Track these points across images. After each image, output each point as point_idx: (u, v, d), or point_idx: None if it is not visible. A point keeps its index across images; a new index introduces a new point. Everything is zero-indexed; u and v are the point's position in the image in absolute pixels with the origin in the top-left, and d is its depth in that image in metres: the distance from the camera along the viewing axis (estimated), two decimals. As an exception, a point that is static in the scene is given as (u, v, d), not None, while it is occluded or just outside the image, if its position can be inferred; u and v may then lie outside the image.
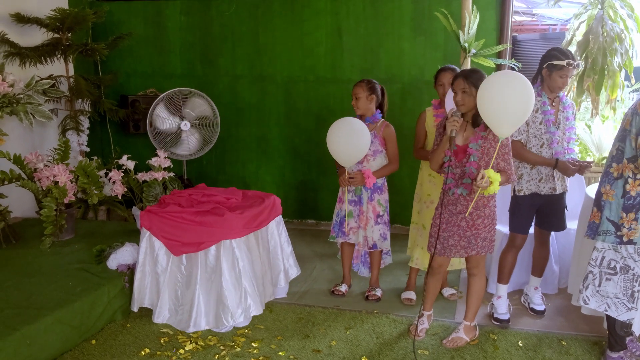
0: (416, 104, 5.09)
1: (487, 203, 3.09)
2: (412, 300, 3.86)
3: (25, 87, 4.40)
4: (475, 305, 3.28)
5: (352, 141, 3.55)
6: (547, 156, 3.40)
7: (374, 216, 3.81)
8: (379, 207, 3.82)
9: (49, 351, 3.01)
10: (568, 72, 3.27)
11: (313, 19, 5.35)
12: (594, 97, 4.59)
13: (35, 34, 4.97)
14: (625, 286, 2.86)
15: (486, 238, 3.15)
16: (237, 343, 3.28)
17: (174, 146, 5.13)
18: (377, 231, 3.82)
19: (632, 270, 2.84)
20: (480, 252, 3.17)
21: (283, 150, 5.72)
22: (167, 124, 5.07)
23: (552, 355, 3.13)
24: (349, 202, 3.83)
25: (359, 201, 3.83)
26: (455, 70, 3.69)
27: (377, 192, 3.83)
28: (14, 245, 4.13)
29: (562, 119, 3.41)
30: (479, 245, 3.15)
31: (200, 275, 3.42)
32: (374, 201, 3.81)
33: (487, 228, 3.13)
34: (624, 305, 2.87)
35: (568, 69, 3.26)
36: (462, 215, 3.09)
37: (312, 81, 5.46)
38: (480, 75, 2.99)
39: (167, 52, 5.78)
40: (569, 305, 3.63)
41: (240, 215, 3.46)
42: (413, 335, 3.31)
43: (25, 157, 4.15)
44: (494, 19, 4.88)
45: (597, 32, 4.50)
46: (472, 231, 3.11)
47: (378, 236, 3.82)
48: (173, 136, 5.11)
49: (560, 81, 3.29)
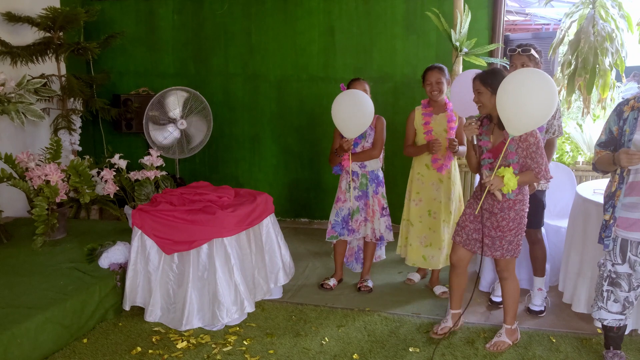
0: (408, 103, 5.10)
1: (513, 206, 3.02)
2: (412, 281, 4.13)
3: (17, 87, 4.39)
4: (513, 308, 3.19)
5: (358, 110, 3.62)
6: None
7: (380, 209, 3.94)
8: (383, 200, 3.96)
9: (40, 350, 3.01)
10: (515, 59, 3.39)
11: (306, 18, 5.36)
12: (585, 96, 4.61)
13: (26, 33, 4.96)
14: (598, 284, 2.93)
15: (512, 242, 3.07)
16: (229, 341, 3.28)
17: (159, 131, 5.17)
18: (383, 223, 3.94)
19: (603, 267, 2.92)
20: (505, 255, 3.09)
21: (276, 149, 5.72)
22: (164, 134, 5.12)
23: (542, 352, 3.14)
24: (355, 198, 3.93)
25: (365, 195, 3.92)
26: (441, 69, 3.73)
27: (381, 186, 3.96)
28: (5, 245, 4.11)
29: None
30: (504, 247, 3.08)
31: (192, 274, 3.41)
32: (378, 194, 3.93)
33: (512, 232, 3.06)
34: (595, 304, 2.94)
35: (513, 57, 3.40)
36: (489, 213, 3.08)
37: (305, 80, 5.47)
38: (497, 75, 2.96)
39: (160, 51, 5.78)
40: (560, 303, 3.66)
41: (232, 213, 3.46)
42: (437, 335, 3.29)
43: (17, 156, 4.13)
44: (486, 18, 4.90)
45: (588, 32, 4.52)
46: (497, 232, 3.07)
47: (384, 228, 3.95)
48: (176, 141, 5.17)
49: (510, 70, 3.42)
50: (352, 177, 3.91)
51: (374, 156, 3.89)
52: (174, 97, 5.09)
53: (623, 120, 2.75)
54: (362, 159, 3.89)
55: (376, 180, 3.93)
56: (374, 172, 3.94)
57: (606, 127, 2.85)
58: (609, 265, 2.85)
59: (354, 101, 3.63)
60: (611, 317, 2.89)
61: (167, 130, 5.15)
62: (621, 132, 2.75)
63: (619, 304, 2.86)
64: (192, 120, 5.22)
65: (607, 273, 2.86)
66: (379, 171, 3.97)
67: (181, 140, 5.21)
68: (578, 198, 3.54)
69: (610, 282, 2.85)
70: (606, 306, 2.88)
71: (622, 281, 2.83)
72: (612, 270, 2.84)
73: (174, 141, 5.18)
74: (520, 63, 3.36)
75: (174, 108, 5.11)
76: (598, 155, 2.87)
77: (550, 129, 3.44)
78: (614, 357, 2.95)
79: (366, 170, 3.92)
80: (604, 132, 2.86)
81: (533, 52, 3.33)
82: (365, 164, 3.91)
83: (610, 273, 2.85)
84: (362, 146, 3.90)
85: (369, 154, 3.88)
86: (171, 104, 5.10)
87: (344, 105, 3.64)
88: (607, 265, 2.86)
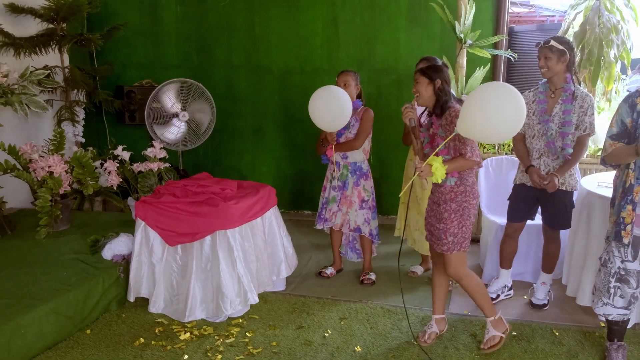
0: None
1: (455, 197, 2.95)
2: (415, 273, 4.14)
3: (20, 78, 4.38)
4: (484, 301, 3.10)
5: (333, 105, 3.64)
6: (536, 148, 3.40)
7: (359, 201, 3.94)
8: (364, 193, 3.95)
9: (44, 341, 3.02)
10: (539, 53, 3.31)
11: (309, 10, 5.33)
12: (589, 88, 4.57)
13: (29, 24, 4.95)
14: (602, 280, 2.90)
15: (456, 235, 2.97)
16: (232, 333, 3.29)
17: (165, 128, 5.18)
18: (361, 215, 3.94)
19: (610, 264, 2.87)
20: (452, 250, 2.98)
21: (279, 142, 5.71)
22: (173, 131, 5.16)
23: (544, 345, 3.14)
24: (333, 188, 3.98)
25: (344, 186, 3.96)
26: (430, 60, 3.74)
27: (363, 178, 3.96)
28: (9, 236, 4.13)
29: (558, 111, 3.34)
30: (449, 242, 2.98)
31: (195, 266, 3.42)
32: (359, 186, 3.94)
33: (454, 223, 2.96)
34: (600, 300, 2.91)
35: (538, 51, 3.31)
36: (434, 204, 3.06)
37: (308, 72, 5.45)
38: (433, 66, 3.02)
39: (163, 42, 5.76)
40: (564, 296, 3.65)
41: (235, 205, 3.46)
42: (426, 343, 3.18)
43: (20, 147, 4.14)
44: (490, 9, 4.87)
45: (594, 23, 4.47)
46: (440, 225, 3.00)
47: (362, 220, 3.94)
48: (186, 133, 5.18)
49: (539, 63, 3.33)
50: (335, 168, 3.96)
51: (355, 147, 3.89)
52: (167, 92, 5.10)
53: (637, 112, 2.71)
54: (344, 149, 3.90)
55: (358, 172, 3.94)
56: (357, 163, 3.94)
57: (617, 119, 2.78)
58: (618, 262, 2.80)
59: (326, 97, 3.66)
60: (616, 312, 2.87)
61: (174, 126, 5.15)
62: (635, 125, 2.71)
63: (625, 299, 2.83)
64: (194, 108, 5.21)
65: (616, 270, 2.82)
66: (363, 163, 3.97)
67: (190, 131, 5.21)
68: (582, 191, 3.52)
69: (618, 278, 2.82)
70: (612, 302, 2.85)
71: (632, 278, 2.79)
72: (622, 267, 2.80)
73: (184, 134, 5.20)
74: (543, 56, 3.30)
75: (171, 103, 5.11)
76: (611, 147, 2.78)
77: (581, 125, 3.30)
78: (618, 350, 2.94)
79: (347, 161, 3.94)
80: (614, 124, 2.79)
81: (554, 43, 3.24)
82: (347, 155, 3.92)
83: (620, 270, 2.81)
84: (345, 137, 3.92)
85: (350, 144, 3.89)
86: (167, 99, 5.10)
87: (318, 102, 3.68)
88: (615, 262, 2.82)
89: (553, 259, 3.61)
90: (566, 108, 3.31)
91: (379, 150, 5.06)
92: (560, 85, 3.33)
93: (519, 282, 3.93)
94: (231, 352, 3.09)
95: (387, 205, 5.34)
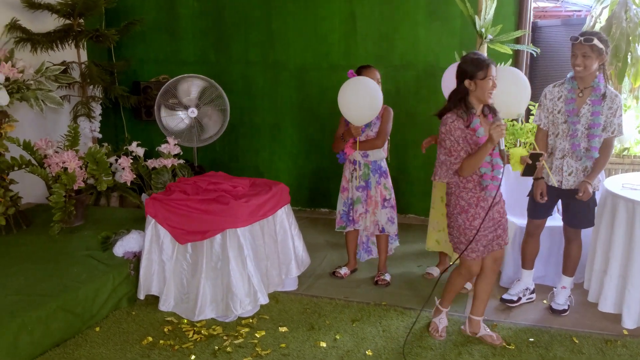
0: (431, 92, 4.96)
1: (452, 191, 2.98)
2: (431, 275, 4.03)
3: (35, 73, 4.38)
4: (450, 292, 3.21)
5: (367, 98, 3.57)
6: (560, 147, 3.27)
7: (381, 200, 3.86)
8: (385, 191, 3.88)
9: (51, 338, 3.01)
10: (576, 49, 3.13)
11: (327, 5, 5.24)
12: (616, 85, 4.41)
13: (46, 19, 4.96)
14: None
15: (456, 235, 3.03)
16: (241, 333, 3.23)
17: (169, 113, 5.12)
18: (384, 215, 3.86)
19: None
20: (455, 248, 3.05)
21: (296, 138, 5.65)
22: (175, 121, 5.06)
23: (563, 353, 3.01)
24: (355, 188, 3.87)
25: (367, 186, 3.86)
26: None
27: (383, 177, 3.89)
28: (24, 231, 4.14)
29: (586, 112, 3.20)
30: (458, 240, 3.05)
31: (205, 264, 3.38)
32: (380, 185, 3.86)
33: (458, 218, 2.98)
34: None
35: (575, 46, 3.13)
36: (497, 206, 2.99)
37: (325, 68, 5.36)
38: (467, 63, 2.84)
39: (180, 38, 5.73)
40: (585, 302, 3.52)
41: (246, 203, 3.40)
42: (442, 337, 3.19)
43: (35, 143, 4.14)
44: (512, 3, 4.72)
45: (620, 18, 4.31)
46: (449, 221, 3.04)
47: (386, 220, 3.87)
48: (187, 129, 5.10)
49: (572, 60, 3.16)
50: (355, 167, 3.87)
51: (376, 146, 3.81)
52: (187, 84, 5.02)
53: None
54: (366, 148, 3.81)
55: (379, 171, 3.87)
56: (377, 162, 3.86)
57: None
58: None
59: (363, 89, 3.57)
60: None
61: (179, 117, 5.08)
62: None
63: None
64: (207, 110, 5.12)
65: None
66: (382, 162, 3.90)
67: (192, 129, 5.13)
68: (605, 192, 3.38)
69: None
70: None
71: None
72: None
73: (185, 128, 5.11)
74: (581, 53, 3.10)
75: (186, 95, 5.04)
76: None
77: (609, 127, 3.17)
78: None
79: (368, 160, 3.85)
80: None
81: (596, 42, 3.06)
82: (367, 154, 3.83)
83: None
84: (366, 135, 3.82)
85: (372, 143, 3.80)
86: (184, 91, 5.03)
87: (353, 92, 3.58)
88: None
89: (574, 261, 3.47)
90: (595, 109, 3.16)
91: (397, 148, 4.95)
92: (590, 84, 3.18)
93: (540, 286, 3.79)
94: (239, 354, 3.04)
95: (406, 205, 5.23)
